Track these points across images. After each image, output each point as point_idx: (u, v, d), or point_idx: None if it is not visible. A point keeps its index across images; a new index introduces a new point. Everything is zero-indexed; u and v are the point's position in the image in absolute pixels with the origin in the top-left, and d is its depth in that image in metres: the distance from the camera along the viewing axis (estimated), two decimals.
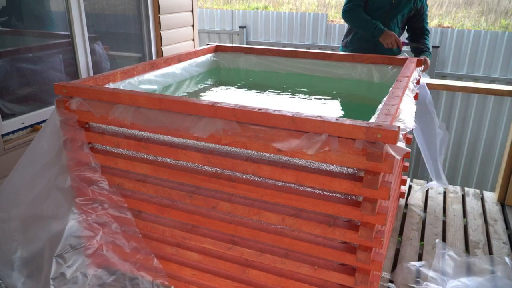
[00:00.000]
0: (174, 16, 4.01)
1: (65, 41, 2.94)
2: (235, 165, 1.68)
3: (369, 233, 1.52)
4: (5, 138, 2.50)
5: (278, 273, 1.79)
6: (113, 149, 1.98)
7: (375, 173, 1.44)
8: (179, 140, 1.81)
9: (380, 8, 2.99)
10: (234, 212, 1.77)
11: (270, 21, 7.35)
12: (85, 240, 2.00)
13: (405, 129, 1.62)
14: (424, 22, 3.15)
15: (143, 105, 1.76)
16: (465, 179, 5.78)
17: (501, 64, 5.72)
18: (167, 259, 2.03)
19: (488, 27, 9.82)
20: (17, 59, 2.67)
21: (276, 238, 1.72)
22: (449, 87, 3.27)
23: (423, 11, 3.11)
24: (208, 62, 3.10)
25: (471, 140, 5.64)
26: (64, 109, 1.91)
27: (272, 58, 3.09)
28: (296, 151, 1.52)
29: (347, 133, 1.44)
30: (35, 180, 1.95)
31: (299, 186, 1.64)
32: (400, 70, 2.57)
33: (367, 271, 1.62)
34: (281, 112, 1.53)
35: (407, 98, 2.00)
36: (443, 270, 2.30)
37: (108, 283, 2.08)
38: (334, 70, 2.94)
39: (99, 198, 2.00)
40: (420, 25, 3.16)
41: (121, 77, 2.24)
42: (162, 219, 2.00)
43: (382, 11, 3.00)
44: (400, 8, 3.00)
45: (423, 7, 3.11)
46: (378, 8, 2.99)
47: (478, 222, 2.85)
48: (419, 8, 3.08)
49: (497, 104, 5.41)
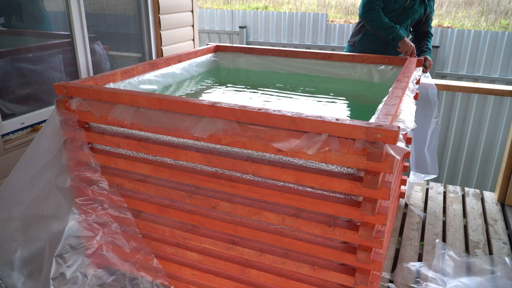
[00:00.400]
0: (174, 16, 4.01)
1: (65, 41, 2.94)
2: (235, 165, 1.68)
3: (369, 233, 1.52)
4: (5, 138, 2.50)
5: (278, 273, 1.79)
6: (113, 149, 1.98)
7: (375, 173, 1.44)
8: (179, 140, 1.81)
9: (392, 11, 3.01)
10: (234, 212, 1.77)
11: (270, 21, 7.35)
12: (85, 240, 2.00)
13: (405, 129, 1.62)
14: (429, 26, 3.21)
15: (143, 105, 1.76)
16: (465, 179, 5.78)
17: (501, 64, 5.72)
18: (167, 259, 2.03)
19: (488, 27, 9.82)
20: (17, 59, 2.67)
21: (276, 238, 1.72)
22: (449, 87, 3.27)
23: (430, 16, 3.16)
24: (208, 62, 3.10)
25: (471, 140, 5.64)
26: (64, 109, 1.91)
27: (272, 58, 3.09)
28: (296, 151, 1.52)
29: (347, 133, 1.44)
30: (35, 180, 1.95)
31: (299, 186, 1.64)
32: (400, 70, 2.57)
33: (367, 271, 1.62)
34: (281, 112, 1.53)
35: (407, 98, 2.00)
36: (443, 270, 2.30)
37: (108, 283, 2.08)
38: (334, 70, 2.94)
39: (99, 198, 2.00)
40: (425, 29, 3.21)
41: (121, 77, 2.24)
42: (162, 219, 2.00)
43: (394, 14, 3.02)
44: (412, 12, 3.03)
45: (431, 12, 3.16)
46: (391, 11, 3.01)
47: (478, 222, 2.85)
48: (427, 13, 3.13)
49: (497, 104, 5.41)
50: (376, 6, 2.99)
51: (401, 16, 3.03)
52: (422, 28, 3.21)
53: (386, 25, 2.94)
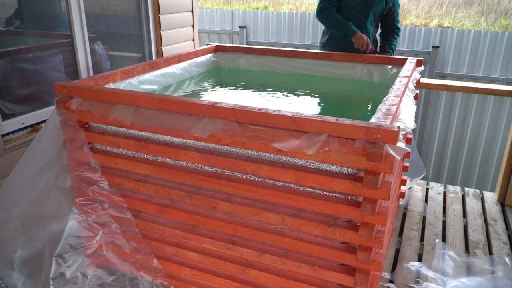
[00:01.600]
0: (174, 16, 4.01)
1: (65, 41, 2.94)
2: (235, 165, 1.68)
3: (369, 233, 1.52)
4: (5, 138, 2.50)
5: (278, 273, 1.79)
6: (113, 149, 1.98)
7: (375, 173, 1.44)
8: (179, 140, 1.81)
9: (354, 8, 3.08)
10: (234, 212, 1.77)
11: (270, 21, 7.34)
12: (85, 240, 2.00)
13: (405, 129, 1.62)
14: (395, 20, 3.27)
15: (143, 105, 1.76)
16: (465, 179, 5.78)
17: (501, 64, 5.71)
18: (167, 259, 2.03)
19: (488, 27, 9.82)
20: (17, 59, 2.67)
21: (276, 238, 1.72)
22: (449, 87, 3.27)
23: (394, 9, 3.22)
24: (208, 62, 3.10)
25: (471, 140, 5.64)
26: (64, 109, 1.91)
27: (272, 58, 3.09)
28: (296, 151, 1.52)
29: (347, 133, 1.44)
30: (36, 180, 1.95)
31: (299, 186, 1.64)
32: (400, 70, 2.57)
33: (367, 271, 1.62)
34: (281, 112, 1.53)
35: (407, 98, 2.00)
36: (443, 270, 2.30)
37: (108, 283, 2.08)
38: (334, 70, 2.94)
39: (99, 198, 2.00)
40: (391, 23, 3.27)
41: (121, 77, 2.24)
42: (162, 219, 2.00)
43: (356, 10, 3.09)
44: (373, 7, 3.09)
45: (395, 6, 3.21)
46: (352, 7, 3.08)
47: (478, 222, 2.85)
48: (390, 7, 3.19)
49: (497, 104, 5.41)
50: (328, 5, 3.06)
51: (363, 12, 3.09)
52: (387, 22, 3.26)
53: (337, 23, 3.02)
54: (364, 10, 3.08)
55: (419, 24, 9.93)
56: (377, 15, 3.17)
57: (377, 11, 3.13)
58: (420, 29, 6.06)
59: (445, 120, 5.70)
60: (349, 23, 3.00)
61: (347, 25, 2.99)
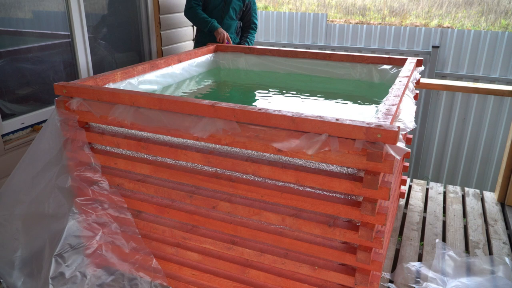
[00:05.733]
0: (174, 16, 4.01)
1: (65, 41, 2.94)
2: (235, 165, 1.68)
3: (369, 233, 1.52)
4: (5, 138, 2.50)
5: (278, 273, 1.79)
6: (113, 149, 1.98)
7: (375, 173, 1.44)
8: (179, 140, 1.81)
9: (216, 7, 3.62)
10: (234, 212, 1.77)
11: (270, 21, 7.34)
12: (84, 240, 2.00)
13: (405, 129, 1.62)
14: (252, 16, 3.85)
15: (143, 105, 1.76)
16: (465, 179, 5.78)
17: (501, 64, 5.71)
18: (167, 259, 2.03)
19: (488, 27, 9.82)
20: (17, 59, 2.67)
21: (276, 238, 1.72)
22: (449, 87, 3.26)
23: (250, 6, 3.81)
24: (208, 62, 3.10)
25: (471, 140, 5.63)
26: (64, 109, 1.91)
27: (272, 58, 3.09)
28: (296, 151, 1.52)
29: (347, 133, 1.44)
30: (36, 179, 1.95)
31: (299, 186, 1.64)
32: (400, 70, 2.57)
33: (367, 271, 1.62)
34: (281, 112, 1.53)
35: (407, 98, 2.00)
36: (443, 270, 2.30)
37: (107, 283, 2.08)
38: (334, 70, 2.94)
39: (99, 198, 2.00)
40: (248, 18, 3.85)
41: (121, 77, 2.24)
42: (162, 219, 2.00)
43: (219, 9, 3.64)
44: (233, 6, 3.66)
45: (250, 4, 3.80)
46: (215, 7, 3.62)
47: (478, 222, 2.85)
48: (247, 4, 3.77)
49: (497, 104, 5.41)
50: (193, 4, 3.56)
51: (224, 10, 3.63)
52: (245, 18, 3.84)
53: (202, 20, 3.53)
54: (224, 8, 3.63)
55: (419, 24, 9.94)
56: (237, 12, 3.73)
57: (236, 9, 3.69)
58: (420, 29, 6.05)
59: (445, 120, 5.69)
60: (212, 20, 3.52)
61: (210, 21, 3.50)
